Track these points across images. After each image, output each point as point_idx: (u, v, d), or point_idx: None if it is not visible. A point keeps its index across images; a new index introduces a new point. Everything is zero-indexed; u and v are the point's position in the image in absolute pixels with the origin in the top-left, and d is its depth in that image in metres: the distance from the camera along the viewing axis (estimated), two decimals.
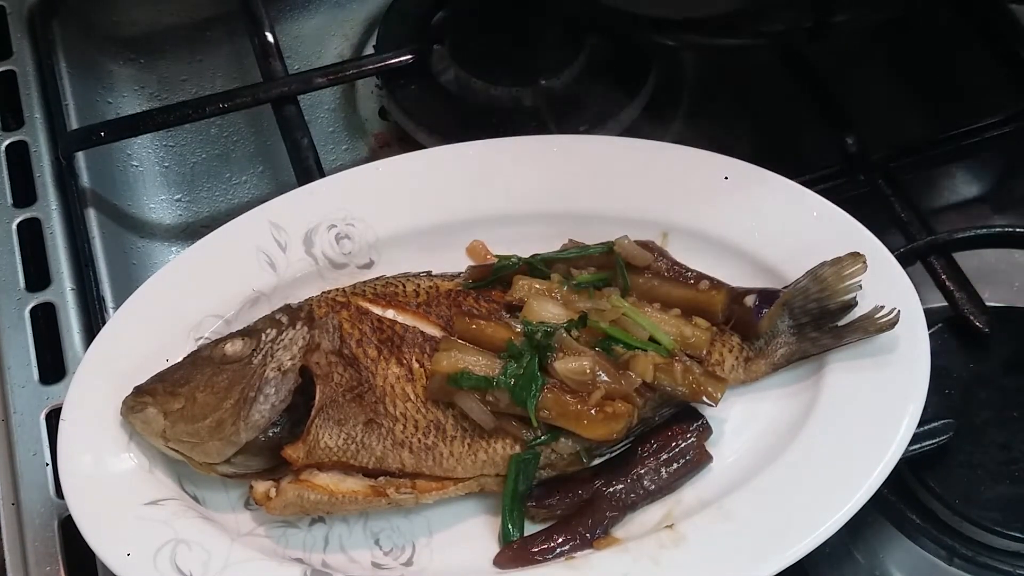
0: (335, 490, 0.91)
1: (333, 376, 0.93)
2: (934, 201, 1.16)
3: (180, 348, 0.98)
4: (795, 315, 0.99)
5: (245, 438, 0.91)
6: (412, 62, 1.29)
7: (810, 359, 0.98)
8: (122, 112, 1.37)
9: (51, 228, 1.20)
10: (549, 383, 0.92)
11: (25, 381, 1.09)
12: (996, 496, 0.94)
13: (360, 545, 0.93)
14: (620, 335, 0.95)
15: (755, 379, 0.99)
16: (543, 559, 0.90)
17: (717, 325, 0.99)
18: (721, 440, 0.97)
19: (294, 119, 1.23)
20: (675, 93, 1.35)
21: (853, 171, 1.18)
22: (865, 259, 0.97)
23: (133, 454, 0.94)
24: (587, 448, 0.93)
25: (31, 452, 1.04)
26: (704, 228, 1.05)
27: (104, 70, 1.40)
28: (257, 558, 0.90)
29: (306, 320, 0.96)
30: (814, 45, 1.26)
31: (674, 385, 0.94)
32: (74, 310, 1.13)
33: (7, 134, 1.28)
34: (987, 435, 0.97)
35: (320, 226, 1.06)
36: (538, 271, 1.01)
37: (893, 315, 0.95)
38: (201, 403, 0.92)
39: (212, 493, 0.95)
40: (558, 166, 1.08)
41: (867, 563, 0.97)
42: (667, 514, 0.93)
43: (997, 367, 1.01)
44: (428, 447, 0.93)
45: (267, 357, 0.94)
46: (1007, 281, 1.15)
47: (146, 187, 1.31)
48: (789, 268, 1.01)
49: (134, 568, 0.87)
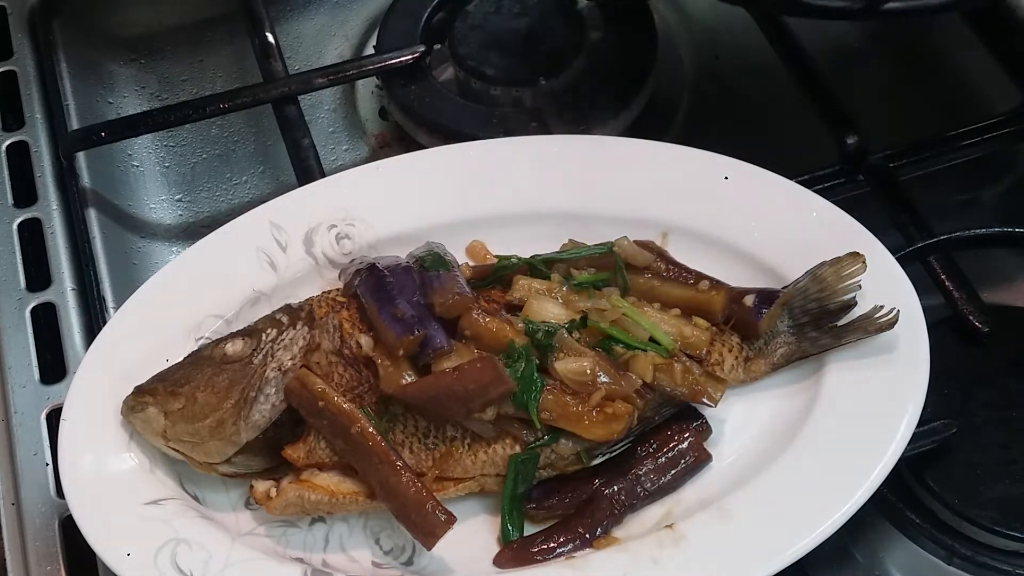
0: (335, 490, 0.91)
1: (333, 376, 0.94)
2: (934, 201, 1.16)
3: (180, 348, 0.99)
4: (795, 315, 0.99)
5: (246, 438, 0.92)
6: (412, 62, 1.29)
7: (810, 359, 0.98)
8: (123, 112, 1.37)
9: (52, 228, 1.20)
10: (549, 384, 0.92)
11: (26, 381, 1.09)
12: (995, 496, 0.94)
13: (360, 545, 0.94)
14: (620, 335, 0.96)
15: (755, 379, 0.99)
16: (543, 559, 0.90)
17: (717, 325, 0.99)
18: (721, 440, 0.97)
19: (294, 119, 1.24)
20: (675, 93, 1.36)
21: (853, 171, 1.18)
22: (865, 259, 0.97)
23: (134, 454, 0.94)
24: (587, 448, 0.93)
25: (32, 452, 1.05)
26: (704, 228, 1.05)
27: (105, 70, 1.40)
28: (257, 558, 0.90)
29: (306, 320, 0.96)
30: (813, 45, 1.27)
31: (673, 386, 0.94)
32: (75, 310, 1.13)
33: (8, 134, 1.29)
34: (986, 435, 0.98)
35: (320, 226, 1.06)
36: (538, 271, 1.01)
37: (892, 315, 0.95)
38: (202, 403, 0.92)
39: (212, 493, 0.95)
40: (558, 166, 1.08)
41: (866, 563, 0.98)
42: (667, 514, 0.93)
43: (996, 367, 1.01)
44: (429, 447, 0.93)
45: (268, 357, 0.94)
46: (1006, 281, 1.15)
47: (147, 187, 1.31)
48: (789, 268, 1.01)
49: (134, 567, 0.87)
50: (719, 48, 1.40)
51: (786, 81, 1.27)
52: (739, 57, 1.37)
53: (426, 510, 0.88)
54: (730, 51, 1.39)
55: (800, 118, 1.25)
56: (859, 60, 1.36)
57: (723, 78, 1.37)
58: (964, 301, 1.05)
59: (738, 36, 1.36)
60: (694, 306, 1.00)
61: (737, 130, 1.30)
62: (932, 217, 1.13)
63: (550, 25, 1.34)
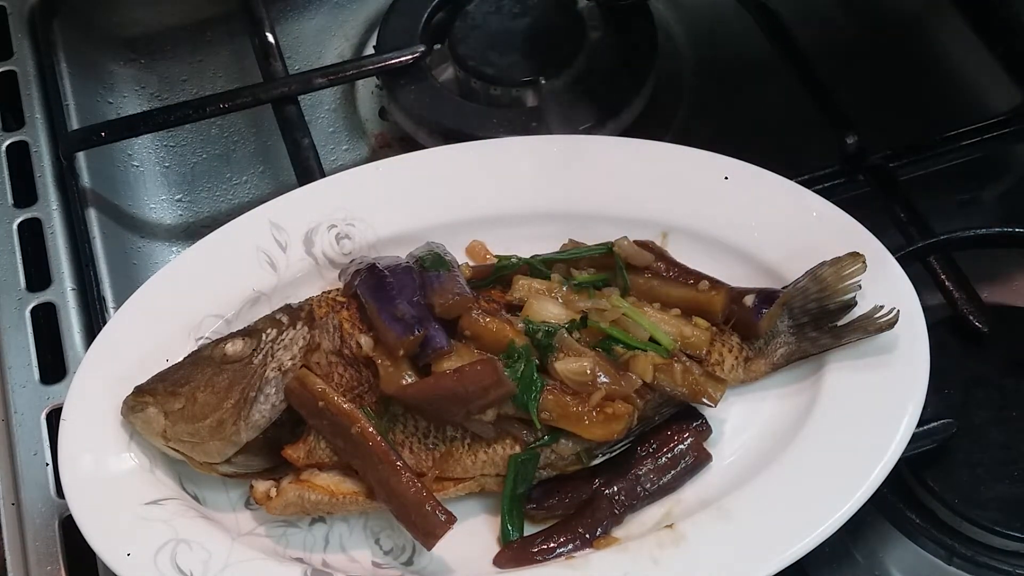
0: (335, 490, 0.91)
1: (333, 376, 0.94)
2: (934, 201, 1.16)
3: (180, 348, 0.99)
4: (795, 315, 0.99)
5: (246, 438, 0.92)
6: (412, 62, 1.29)
7: (810, 359, 0.98)
8: (123, 112, 1.37)
9: (52, 228, 1.20)
10: (549, 384, 0.92)
11: (26, 381, 1.09)
12: (995, 496, 0.94)
13: (361, 545, 0.94)
14: (620, 335, 0.96)
15: (755, 379, 0.99)
16: (543, 559, 0.90)
17: (717, 325, 0.99)
18: (721, 440, 0.97)
19: (294, 119, 1.24)
20: (675, 93, 1.36)
21: (853, 171, 1.18)
22: (864, 259, 0.97)
23: (134, 454, 0.94)
24: (587, 448, 0.93)
25: (32, 452, 1.05)
26: (704, 228, 1.05)
27: (105, 70, 1.40)
28: (258, 558, 0.90)
29: (306, 320, 0.96)
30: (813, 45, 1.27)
31: (674, 386, 0.94)
32: (75, 310, 1.13)
33: (8, 134, 1.29)
34: (986, 435, 0.98)
35: (320, 226, 1.06)
36: (538, 271, 1.01)
37: (892, 315, 0.95)
38: (202, 403, 0.92)
39: (212, 493, 0.95)
40: (558, 166, 1.08)
41: (866, 563, 0.98)
42: (667, 514, 0.93)
43: (996, 367, 1.01)
44: (429, 447, 0.93)
45: (268, 357, 0.94)
46: (1006, 281, 1.15)
47: (147, 187, 1.31)
48: (789, 268, 1.01)
49: (135, 567, 0.87)
50: (719, 48, 1.40)
51: (786, 81, 1.27)
52: (739, 57, 1.37)
53: (426, 510, 0.88)
54: (730, 51, 1.39)
55: (800, 118, 1.25)
56: (859, 60, 1.36)
57: (723, 78, 1.37)
58: (964, 301, 1.05)
59: (738, 36, 1.36)
60: (694, 306, 1.00)
61: (737, 130, 1.30)
62: (932, 217, 1.13)
63: (550, 25, 1.34)
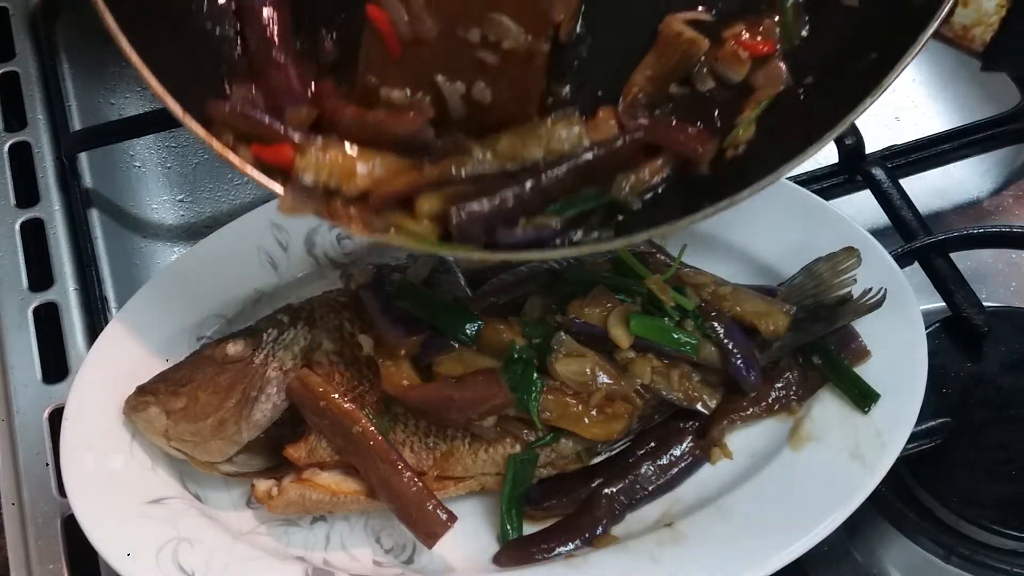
0: (337, 489, 0.91)
1: (334, 376, 0.94)
2: (932, 201, 1.16)
3: (182, 348, 0.99)
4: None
5: (247, 437, 0.92)
6: None
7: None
8: (124, 113, 1.37)
9: (54, 228, 1.20)
10: (549, 384, 0.92)
11: (28, 381, 1.09)
12: (993, 495, 0.94)
13: (361, 543, 0.94)
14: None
15: None
16: (543, 558, 0.90)
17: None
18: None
19: None
20: None
21: (851, 171, 1.18)
22: (859, 253, 0.98)
23: (135, 453, 0.94)
24: (587, 448, 0.94)
25: (34, 451, 1.05)
26: (703, 227, 1.05)
27: (107, 71, 1.40)
28: (259, 556, 0.90)
29: (307, 320, 0.97)
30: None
31: (669, 391, 0.94)
32: (77, 310, 1.14)
33: (10, 135, 1.29)
34: (985, 434, 0.98)
35: (322, 226, 1.06)
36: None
37: (880, 295, 0.96)
38: (203, 402, 0.93)
39: (214, 492, 0.95)
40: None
41: (865, 561, 0.98)
42: (666, 513, 0.93)
43: (995, 367, 1.01)
44: (429, 447, 0.93)
45: (269, 357, 0.94)
46: (1005, 281, 1.15)
47: (148, 188, 1.31)
48: (787, 267, 1.02)
49: (136, 567, 0.88)
50: None
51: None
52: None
53: (427, 509, 0.88)
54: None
55: None
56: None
57: None
58: (962, 301, 1.05)
59: None
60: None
61: None
62: (930, 217, 1.13)
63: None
